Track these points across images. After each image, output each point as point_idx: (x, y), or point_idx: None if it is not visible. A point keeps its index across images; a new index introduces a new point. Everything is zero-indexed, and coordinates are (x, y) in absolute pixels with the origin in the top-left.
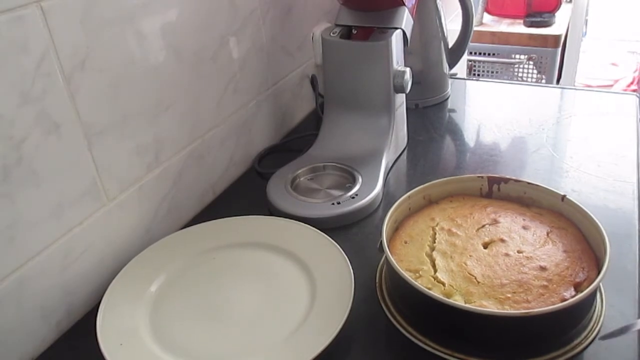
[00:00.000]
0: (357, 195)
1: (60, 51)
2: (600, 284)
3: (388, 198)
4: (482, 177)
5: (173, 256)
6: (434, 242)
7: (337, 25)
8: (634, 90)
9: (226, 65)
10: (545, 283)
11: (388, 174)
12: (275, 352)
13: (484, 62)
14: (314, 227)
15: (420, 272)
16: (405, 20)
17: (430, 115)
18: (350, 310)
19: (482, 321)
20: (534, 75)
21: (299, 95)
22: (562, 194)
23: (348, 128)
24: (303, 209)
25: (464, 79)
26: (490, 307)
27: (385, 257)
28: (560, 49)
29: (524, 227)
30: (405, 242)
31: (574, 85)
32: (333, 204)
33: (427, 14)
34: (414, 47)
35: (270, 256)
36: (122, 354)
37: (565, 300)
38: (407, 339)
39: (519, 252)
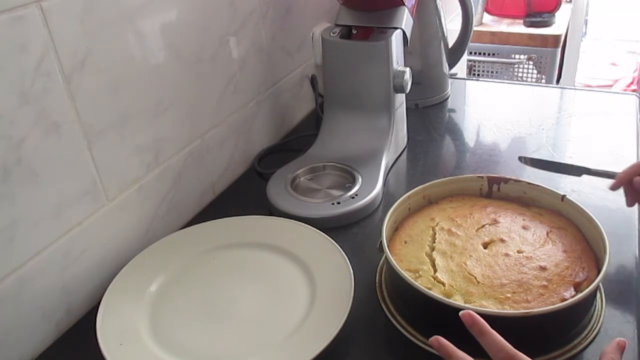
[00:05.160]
0: (357, 195)
1: (60, 51)
2: (600, 284)
3: (388, 198)
4: (482, 177)
5: (173, 256)
6: (434, 242)
7: (337, 25)
8: (634, 90)
9: (226, 65)
10: (545, 283)
11: (388, 174)
12: (275, 352)
13: (484, 62)
14: (314, 227)
15: (420, 272)
16: (405, 20)
17: (430, 115)
18: (350, 310)
19: None
20: (534, 75)
21: (299, 95)
22: (562, 194)
23: (348, 128)
24: (303, 209)
25: (464, 79)
26: (490, 307)
27: (385, 257)
28: (560, 49)
29: (524, 227)
30: (405, 242)
31: (574, 85)
32: (333, 204)
33: (427, 14)
34: (414, 47)
35: (270, 256)
36: (122, 354)
37: (565, 300)
38: (407, 339)
39: (518, 252)
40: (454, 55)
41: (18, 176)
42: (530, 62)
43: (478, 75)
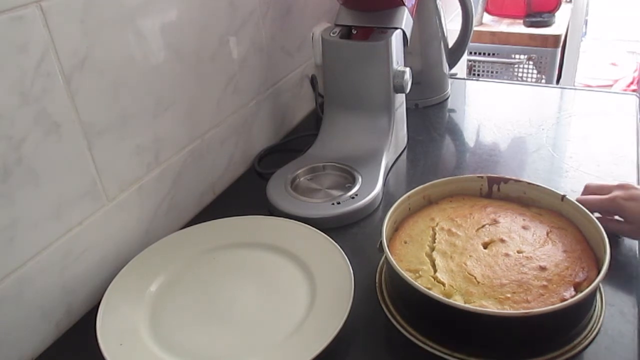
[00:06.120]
0: (357, 195)
1: (60, 51)
2: (600, 284)
3: (388, 198)
4: (482, 177)
5: (173, 256)
6: (434, 242)
7: (336, 25)
8: (634, 90)
9: (226, 65)
10: (545, 283)
11: (388, 174)
12: (275, 352)
13: (484, 62)
14: (314, 227)
15: (420, 272)
16: (405, 20)
17: (430, 115)
18: (350, 310)
19: (482, 321)
20: (534, 75)
21: (299, 95)
22: (562, 194)
23: (348, 128)
24: (303, 209)
25: (464, 79)
26: (490, 307)
27: (385, 257)
28: (560, 49)
29: (524, 227)
30: (405, 242)
31: (574, 85)
32: (333, 204)
33: (427, 14)
34: (414, 47)
35: (270, 256)
36: (122, 354)
37: (565, 300)
38: (407, 339)
39: (518, 252)
40: (454, 55)
41: (18, 176)
42: (530, 62)
43: (478, 75)
